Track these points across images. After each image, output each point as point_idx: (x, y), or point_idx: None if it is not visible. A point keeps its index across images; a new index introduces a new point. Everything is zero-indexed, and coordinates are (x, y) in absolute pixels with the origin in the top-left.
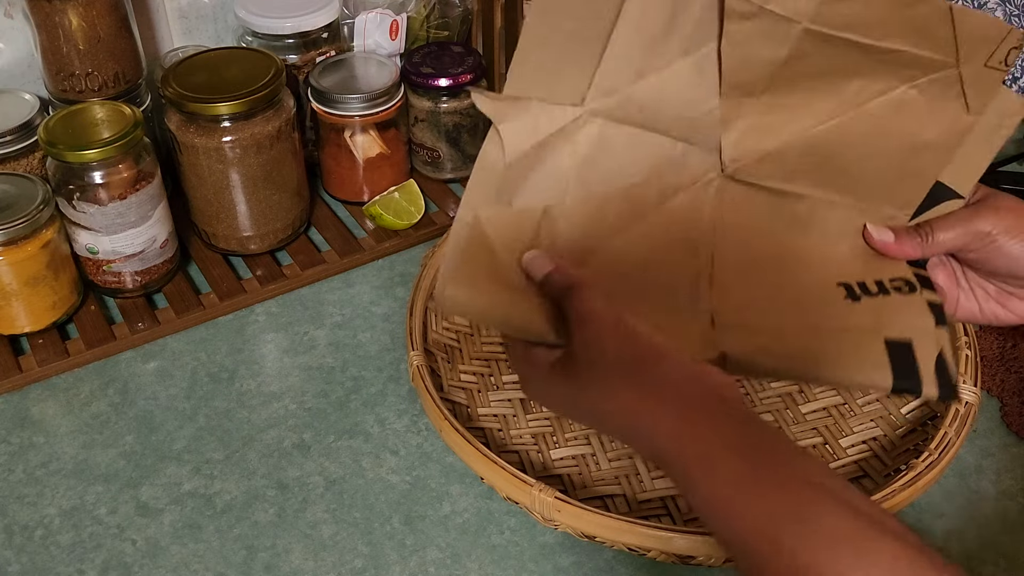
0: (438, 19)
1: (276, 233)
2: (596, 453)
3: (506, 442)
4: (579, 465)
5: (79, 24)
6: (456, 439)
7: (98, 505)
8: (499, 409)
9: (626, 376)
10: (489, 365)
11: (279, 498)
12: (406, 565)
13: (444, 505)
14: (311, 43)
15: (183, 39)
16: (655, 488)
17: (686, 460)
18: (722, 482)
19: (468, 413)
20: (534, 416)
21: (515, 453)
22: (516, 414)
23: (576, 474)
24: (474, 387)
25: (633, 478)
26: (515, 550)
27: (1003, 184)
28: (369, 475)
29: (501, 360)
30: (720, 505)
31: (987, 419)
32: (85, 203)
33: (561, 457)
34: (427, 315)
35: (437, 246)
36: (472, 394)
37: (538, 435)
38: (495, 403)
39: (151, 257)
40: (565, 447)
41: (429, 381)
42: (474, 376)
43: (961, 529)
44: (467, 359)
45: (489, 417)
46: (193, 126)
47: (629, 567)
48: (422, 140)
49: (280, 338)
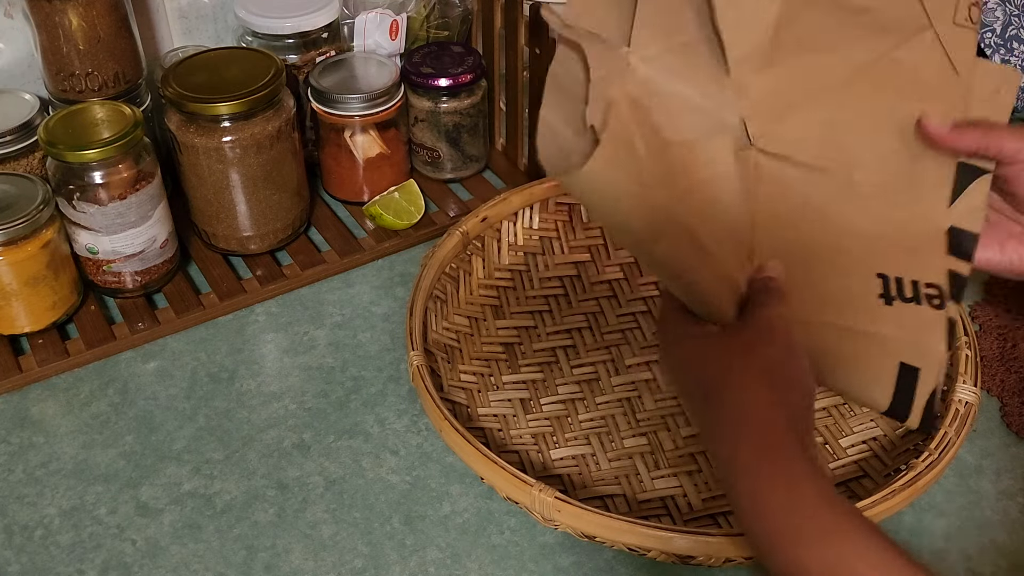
0: (438, 19)
1: (276, 233)
2: (596, 453)
3: (506, 442)
4: (579, 465)
5: (79, 24)
6: (456, 439)
7: (98, 505)
8: (499, 409)
9: (771, 382)
10: (489, 365)
11: (279, 498)
12: (406, 565)
13: (444, 505)
14: (311, 43)
15: (183, 39)
16: (655, 488)
17: (770, 472)
18: (786, 498)
19: (468, 413)
20: (534, 416)
21: (515, 453)
22: (516, 414)
23: (576, 474)
24: (474, 387)
25: (633, 478)
26: (515, 550)
27: None
28: (369, 475)
29: (501, 360)
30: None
31: (987, 419)
32: (85, 203)
33: (561, 457)
34: (427, 315)
35: (436, 246)
36: (472, 394)
37: (538, 435)
38: (495, 403)
39: (151, 257)
40: (565, 447)
41: (429, 381)
42: (474, 376)
43: (961, 529)
44: (467, 359)
45: (489, 417)
46: (193, 126)
47: (629, 567)
48: (422, 140)
49: (280, 338)
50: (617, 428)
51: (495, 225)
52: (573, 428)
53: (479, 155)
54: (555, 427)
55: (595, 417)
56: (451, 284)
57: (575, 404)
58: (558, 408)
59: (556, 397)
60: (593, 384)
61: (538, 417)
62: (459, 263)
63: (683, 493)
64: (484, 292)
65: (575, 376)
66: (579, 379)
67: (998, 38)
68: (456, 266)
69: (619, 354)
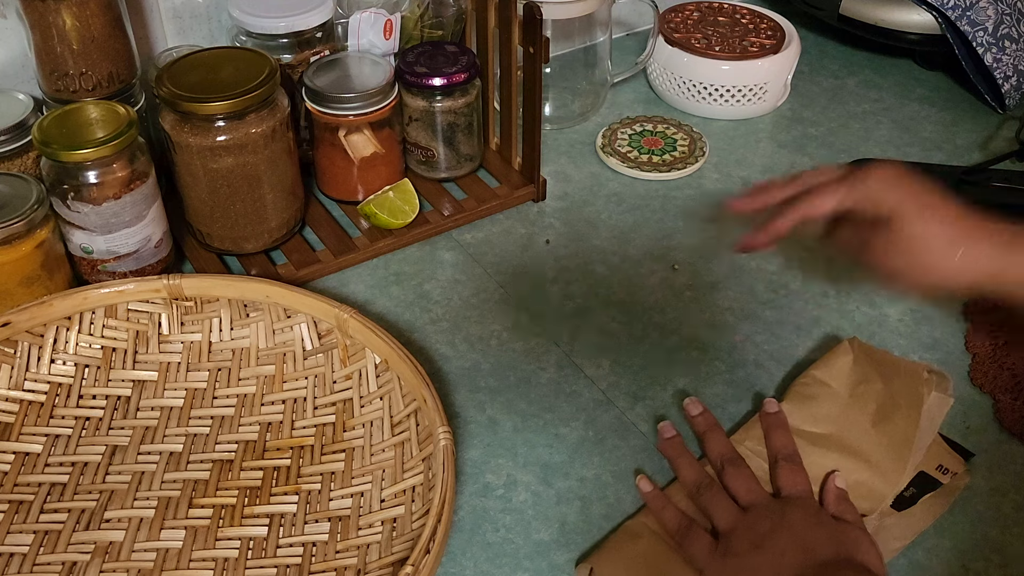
0: (432, 18)
1: (271, 232)
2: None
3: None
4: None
5: (73, 24)
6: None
7: None
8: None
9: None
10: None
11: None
12: None
13: None
14: (305, 43)
15: (177, 39)
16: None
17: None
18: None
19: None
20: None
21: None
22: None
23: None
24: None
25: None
26: (510, 548)
27: (994, 182)
28: None
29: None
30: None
31: (980, 416)
32: (79, 203)
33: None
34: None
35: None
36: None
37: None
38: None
39: (146, 257)
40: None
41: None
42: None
43: (954, 524)
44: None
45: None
46: (187, 126)
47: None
48: (416, 139)
49: None
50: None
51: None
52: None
53: (473, 154)
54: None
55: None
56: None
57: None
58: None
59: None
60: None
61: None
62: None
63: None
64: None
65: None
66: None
67: (990, 37)
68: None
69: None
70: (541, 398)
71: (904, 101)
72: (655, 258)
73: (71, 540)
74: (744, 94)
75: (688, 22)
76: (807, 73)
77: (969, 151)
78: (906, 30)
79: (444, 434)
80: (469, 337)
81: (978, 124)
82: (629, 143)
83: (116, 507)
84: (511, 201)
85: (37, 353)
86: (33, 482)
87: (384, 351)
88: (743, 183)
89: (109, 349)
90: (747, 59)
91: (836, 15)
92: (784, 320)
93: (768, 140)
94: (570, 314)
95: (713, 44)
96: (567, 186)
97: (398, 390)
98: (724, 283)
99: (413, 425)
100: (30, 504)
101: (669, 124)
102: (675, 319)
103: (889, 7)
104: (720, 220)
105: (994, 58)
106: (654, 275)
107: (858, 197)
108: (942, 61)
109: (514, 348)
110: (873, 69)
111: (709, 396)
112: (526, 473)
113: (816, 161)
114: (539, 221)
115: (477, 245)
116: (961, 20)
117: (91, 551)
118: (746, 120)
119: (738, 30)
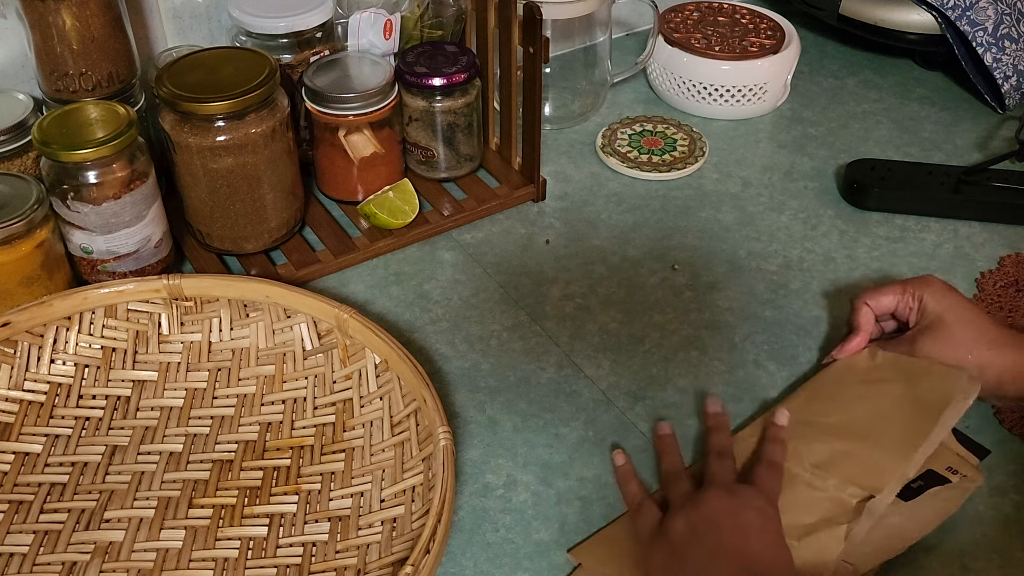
0: (432, 18)
1: (271, 232)
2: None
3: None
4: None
5: (73, 24)
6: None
7: None
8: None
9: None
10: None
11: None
12: None
13: None
14: (305, 43)
15: (177, 39)
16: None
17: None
18: None
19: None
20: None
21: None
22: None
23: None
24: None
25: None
26: (510, 548)
27: (994, 182)
28: None
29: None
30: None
31: (980, 416)
32: (79, 203)
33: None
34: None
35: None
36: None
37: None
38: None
39: (146, 257)
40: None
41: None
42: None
43: (955, 524)
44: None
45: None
46: (187, 126)
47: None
48: (416, 139)
49: None
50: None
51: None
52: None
53: (473, 154)
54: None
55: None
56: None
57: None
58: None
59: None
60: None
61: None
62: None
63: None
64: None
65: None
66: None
67: (990, 37)
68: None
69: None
70: (541, 398)
71: (904, 101)
72: (655, 258)
73: (71, 540)
74: (744, 94)
75: (688, 22)
76: (807, 73)
77: (969, 151)
78: (906, 30)
79: (444, 434)
80: (469, 337)
81: (978, 124)
82: (629, 143)
83: (116, 507)
84: (511, 201)
85: (37, 353)
86: (33, 482)
87: (384, 351)
88: (743, 183)
89: (109, 349)
90: (747, 59)
91: (836, 15)
92: (784, 320)
93: (768, 140)
94: (570, 314)
95: (713, 44)
96: (567, 186)
97: (398, 390)
98: (724, 283)
99: (413, 425)
100: (30, 504)
101: (669, 124)
102: (675, 319)
103: (889, 7)
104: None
105: (994, 58)
106: (654, 275)
107: (911, 303)
108: (942, 61)
109: (514, 348)
110: (873, 69)
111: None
112: (526, 473)
113: (816, 161)
114: (539, 221)
115: (477, 245)
116: (961, 20)
117: (91, 551)
118: (746, 120)
119: (738, 30)
